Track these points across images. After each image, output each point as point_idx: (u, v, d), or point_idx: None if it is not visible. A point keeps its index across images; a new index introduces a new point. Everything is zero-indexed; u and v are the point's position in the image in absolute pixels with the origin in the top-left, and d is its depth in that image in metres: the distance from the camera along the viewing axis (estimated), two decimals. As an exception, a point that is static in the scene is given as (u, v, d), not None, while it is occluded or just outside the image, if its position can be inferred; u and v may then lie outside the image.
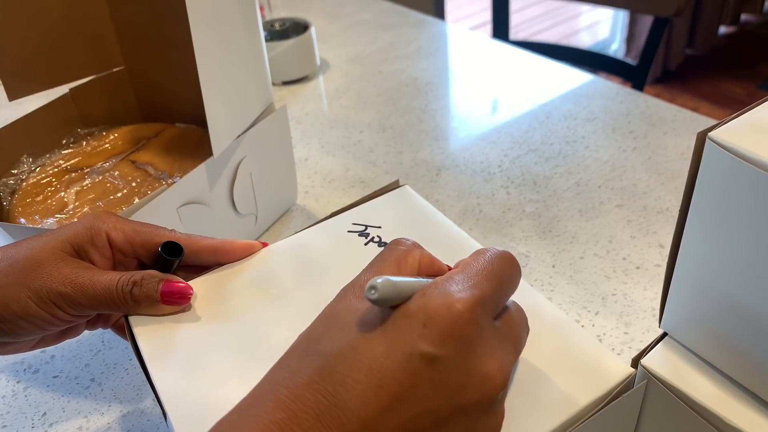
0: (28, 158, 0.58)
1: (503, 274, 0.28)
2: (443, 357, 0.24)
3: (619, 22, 2.73)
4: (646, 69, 1.18)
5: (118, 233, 0.37)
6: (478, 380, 0.25)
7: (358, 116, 0.84)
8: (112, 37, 0.63)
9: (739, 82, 2.40)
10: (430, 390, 0.24)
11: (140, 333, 0.34)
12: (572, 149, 0.74)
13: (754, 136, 0.27)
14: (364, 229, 0.39)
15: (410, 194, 0.42)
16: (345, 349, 0.25)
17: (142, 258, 0.38)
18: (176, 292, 0.35)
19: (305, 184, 0.72)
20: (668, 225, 0.62)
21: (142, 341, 0.33)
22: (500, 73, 0.93)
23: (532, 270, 0.58)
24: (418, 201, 0.41)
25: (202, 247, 0.38)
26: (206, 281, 0.37)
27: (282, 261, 0.38)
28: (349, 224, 0.40)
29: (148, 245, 0.37)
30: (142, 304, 0.34)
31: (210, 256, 0.38)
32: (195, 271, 0.38)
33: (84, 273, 0.35)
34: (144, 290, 0.34)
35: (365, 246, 0.38)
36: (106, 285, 0.35)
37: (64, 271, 0.35)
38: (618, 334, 0.51)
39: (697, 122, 0.77)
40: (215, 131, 0.50)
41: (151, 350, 0.33)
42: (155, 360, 0.32)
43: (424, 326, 0.24)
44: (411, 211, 0.40)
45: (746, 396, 0.31)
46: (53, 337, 0.40)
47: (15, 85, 0.57)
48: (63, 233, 0.37)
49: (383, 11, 1.15)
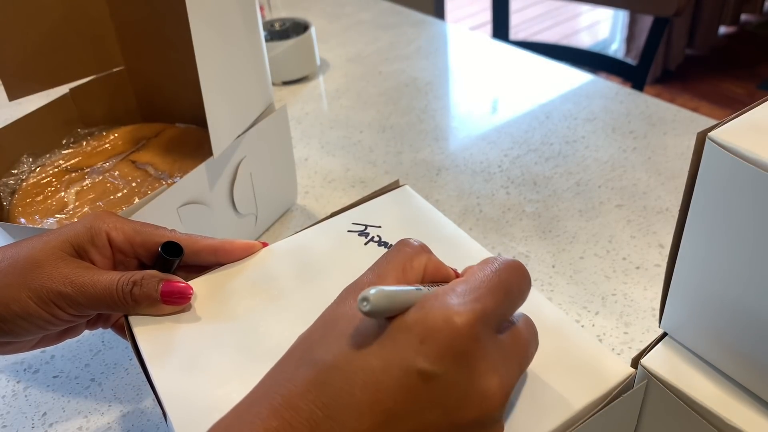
0: (28, 158, 0.58)
1: (510, 285, 0.27)
2: (441, 374, 0.24)
3: (619, 22, 2.73)
4: (646, 69, 1.18)
5: (118, 233, 0.37)
6: (478, 398, 0.24)
7: (358, 116, 0.84)
8: (112, 37, 0.63)
9: (739, 82, 2.40)
10: (427, 407, 0.24)
11: (140, 333, 0.34)
12: (572, 149, 0.74)
13: (754, 136, 0.27)
14: (364, 229, 0.39)
15: (410, 194, 0.42)
16: (341, 360, 0.24)
17: (142, 258, 0.38)
18: (176, 292, 0.35)
19: (305, 184, 0.72)
20: (668, 225, 0.62)
21: (142, 341, 0.33)
22: (500, 73, 0.93)
23: (532, 270, 0.58)
24: (417, 201, 0.41)
25: (202, 247, 0.37)
26: (206, 281, 0.37)
27: (282, 261, 0.38)
28: (349, 224, 0.40)
29: (148, 245, 0.37)
30: (142, 304, 0.34)
31: (210, 256, 0.38)
32: (195, 271, 0.38)
33: (84, 273, 0.35)
34: (144, 290, 0.34)
35: (365, 246, 0.38)
36: (106, 285, 0.35)
37: (64, 271, 0.35)
38: (618, 334, 0.51)
39: (697, 122, 0.77)
40: (215, 131, 0.50)
41: (151, 350, 0.33)
42: (155, 360, 0.32)
43: (421, 342, 0.24)
44: (411, 211, 0.40)
45: (746, 396, 0.31)
46: (53, 337, 0.40)
47: (15, 85, 0.57)
48: (63, 233, 0.37)
49: (383, 11, 1.15)
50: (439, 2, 2.22)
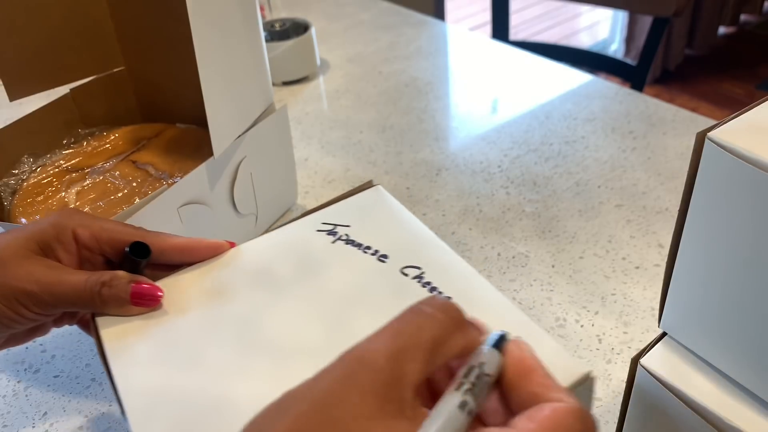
0: (29, 158, 0.58)
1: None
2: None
3: (619, 22, 2.73)
4: (646, 69, 1.18)
5: (84, 230, 0.37)
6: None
7: (358, 116, 0.84)
8: (112, 37, 0.63)
9: (738, 82, 2.40)
10: None
11: (106, 331, 0.34)
12: (572, 149, 0.74)
13: (753, 136, 0.27)
14: (333, 228, 0.39)
15: (382, 195, 0.42)
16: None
17: (109, 255, 0.38)
18: (146, 294, 0.34)
19: (305, 184, 0.72)
20: (668, 225, 0.62)
21: (106, 340, 0.33)
22: (500, 73, 0.93)
23: (532, 270, 0.58)
24: (390, 201, 0.41)
25: (168, 246, 0.37)
26: (174, 281, 0.37)
27: (250, 261, 0.38)
28: (318, 224, 0.40)
29: (115, 243, 0.37)
30: (111, 305, 0.34)
31: (177, 256, 0.37)
32: (162, 270, 0.37)
33: (50, 272, 0.35)
34: (113, 291, 0.34)
35: (332, 244, 0.38)
36: (74, 284, 0.34)
37: (30, 269, 0.35)
38: (617, 333, 0.51)
39: (696, 122, 0.77)
40: (215, 131, 0.50)
41: (116, 349, 0.33)
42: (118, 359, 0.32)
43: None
44: (382, 211, 0.40)
45: (746, 396, 0.31)
46: (21, 336, 0.40)
47: (15, 85, 0.57)
48: (28, 231, 0.36)
49: (383, 11, 1.15)
50: (439, 2, 2.22)
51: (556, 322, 0.53)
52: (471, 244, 0.61)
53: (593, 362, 0.49)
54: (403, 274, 0.35)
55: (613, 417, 0.45)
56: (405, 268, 0.36)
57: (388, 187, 0.70)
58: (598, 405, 0.46)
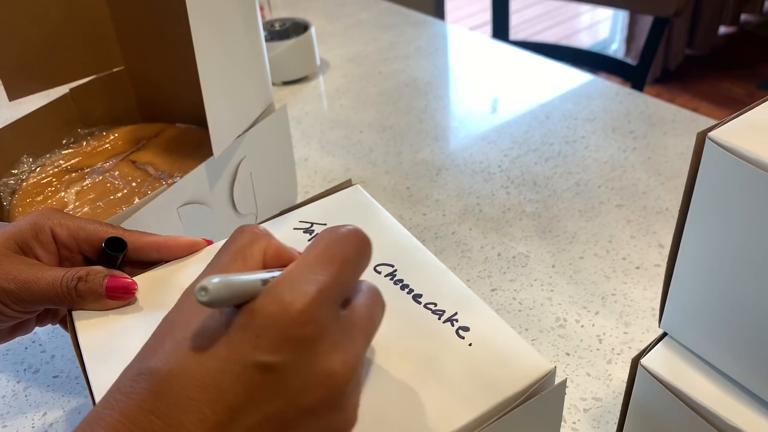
0: (29, 158, 0.58)
1: (346, 257, 0.26)
2: (280, 363, 0.23)
3: (619, 22, 2.73)
4: (646, 69, 1.18)
5: (62, 229, 0.38)
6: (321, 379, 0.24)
7: (358, 116, 0.84)
8: (112, 37, 0.63)
9: (739, 82, 2.40)
10: (270, 396, 0.24)
11: (81, 327, 0.34)
12: (572, 149, 0.74)
13: (753, 136, 0.27)
14: (310, 226, 0.40)
15: (360, 194, 0.42)
16: (177, 367, 0.24)
17: (87, 253, 0.38)
18: (121, 287, 0.35)
19: (305, 184, 0.72)
20: (668, 225, 0.62)
21: (82, 335, 0.34)
22: (500, 73, 0.93)
23: (532, 270, 0.58)
24: (367, 200, 0.42)
25: (145, 243, 0.38)
26: (151, 277, 0.37)
27: None
28: (296, 222, 0.40)
29: (93, 241, 0.38)
30: (87, 299, 0.35)
31: (153, 253, 0.38)
32: (140, 268, 0.38)
33: (27, 269, 0.35)
34: (89, 285, 0.35)
35: (308, 242, 0.38)
36: (51, 281, 0.35)
37: (7, 268, 0.35)
38: (618, 333, 0.51)
39: (696, 122, 0.77)
40: (215, 131, 0.50)
41: (91, 344, 0.33)
42: (93, 354, 0.32)
43: (257, 336, 0.23)
44: (359, 210, 0.41)
45: (746, 396, 0.31)
46: (4, 334, 0.40)
47: (15, 85, 0.57)
48: (6, 230, 0.37)
49: (383, 11, 1.15)
50: (439, 2, 2.22)
51: (557, 323, 0.53)
52: (471, 244, 0.61)
53: (593, 362, 0.49)
54: (376, 271, 0.36)
55: (613, 417, 0.45)
56: (378, 265, 0.36)
57: (389, 186, 0.70)
58: (599, 405, 0.46)
